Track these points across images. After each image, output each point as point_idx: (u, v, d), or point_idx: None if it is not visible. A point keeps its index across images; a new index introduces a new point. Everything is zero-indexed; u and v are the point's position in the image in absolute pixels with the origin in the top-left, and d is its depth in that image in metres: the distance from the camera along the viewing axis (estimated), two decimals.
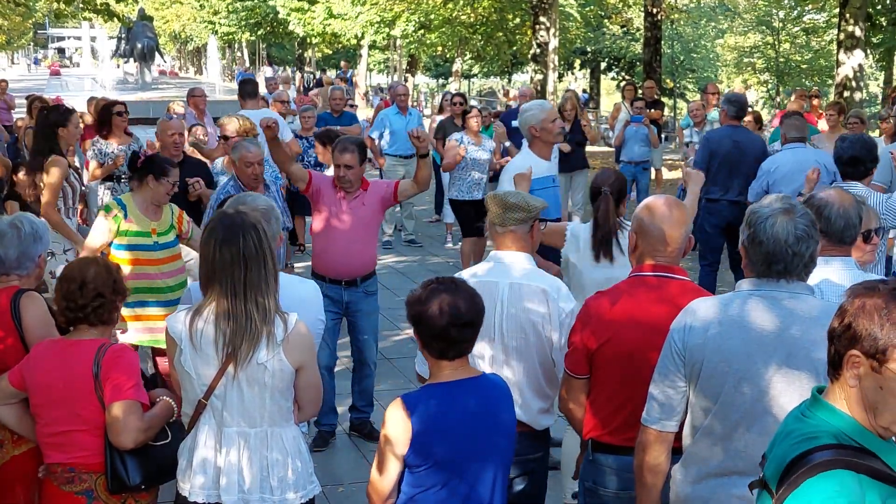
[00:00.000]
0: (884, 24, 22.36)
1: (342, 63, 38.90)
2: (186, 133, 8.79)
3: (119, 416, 3.30)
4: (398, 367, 7.26)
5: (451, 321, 2.97)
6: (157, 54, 38.45)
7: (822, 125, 11.14)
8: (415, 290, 3.09)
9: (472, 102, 26.14)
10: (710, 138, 8.58)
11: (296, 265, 9.21)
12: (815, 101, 12.95)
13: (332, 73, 35.60)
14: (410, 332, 3.27)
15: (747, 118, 11.90)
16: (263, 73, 40.87)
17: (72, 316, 3.47)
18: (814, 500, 1.84)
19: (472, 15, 30.97)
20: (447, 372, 3.05)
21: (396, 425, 2.97)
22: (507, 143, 10.41)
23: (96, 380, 3.34)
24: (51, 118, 6.76)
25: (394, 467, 3.00)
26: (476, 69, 49.82)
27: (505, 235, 3.78)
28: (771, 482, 1.99)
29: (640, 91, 14.70)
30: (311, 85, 32.12)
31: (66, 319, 3.51)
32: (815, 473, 1.87)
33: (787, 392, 2.71)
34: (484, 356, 3.76)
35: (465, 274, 3.81)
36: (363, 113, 18.01)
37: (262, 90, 13.38)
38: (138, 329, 5.48)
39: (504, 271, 3.78)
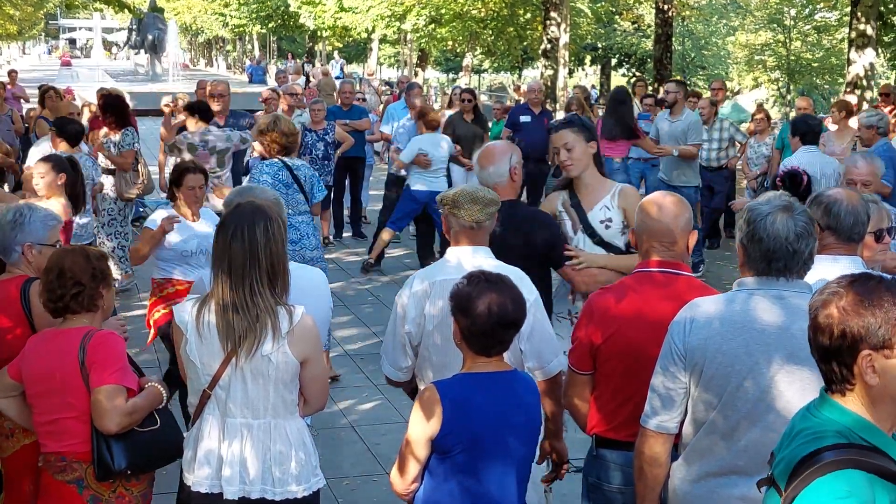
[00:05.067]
0: (895, 22, 22.24)
1: (335, 54, 38.69)
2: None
3: (102, 400, 3.31)
4: None
5: (498, 321, 2.96)
6: (167, 46, 38.44)
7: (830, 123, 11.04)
8: (460, 283, 3.04)
9: (483, 97, 26.13)
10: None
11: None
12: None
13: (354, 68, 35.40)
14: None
15: (759, 115, 11.88)
16: (275, 65, 40.89)
17: (53, 306, 3.47)
18: (823, 500, 1.83)
19: (483, 10, 30.90)
20: (481, 363, 3.05)
21: (425, 417, 2.95)
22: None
23: (82, 366, 3.34)
24: None
25: (414, 467, 3.01)
26: (486, 64, 49.71)
27: (479, 231, 3.66)
28: (780, 480, 1.98)
29: (650, 88, 14.64)
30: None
31: (51, 310, 3.50)
32: (824, 473, 1.86)
33: (790, 390, 2.71)
34: None
35: (424, 273, 3.71)
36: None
37: (272, 82, 13.35)
38: None
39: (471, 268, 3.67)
